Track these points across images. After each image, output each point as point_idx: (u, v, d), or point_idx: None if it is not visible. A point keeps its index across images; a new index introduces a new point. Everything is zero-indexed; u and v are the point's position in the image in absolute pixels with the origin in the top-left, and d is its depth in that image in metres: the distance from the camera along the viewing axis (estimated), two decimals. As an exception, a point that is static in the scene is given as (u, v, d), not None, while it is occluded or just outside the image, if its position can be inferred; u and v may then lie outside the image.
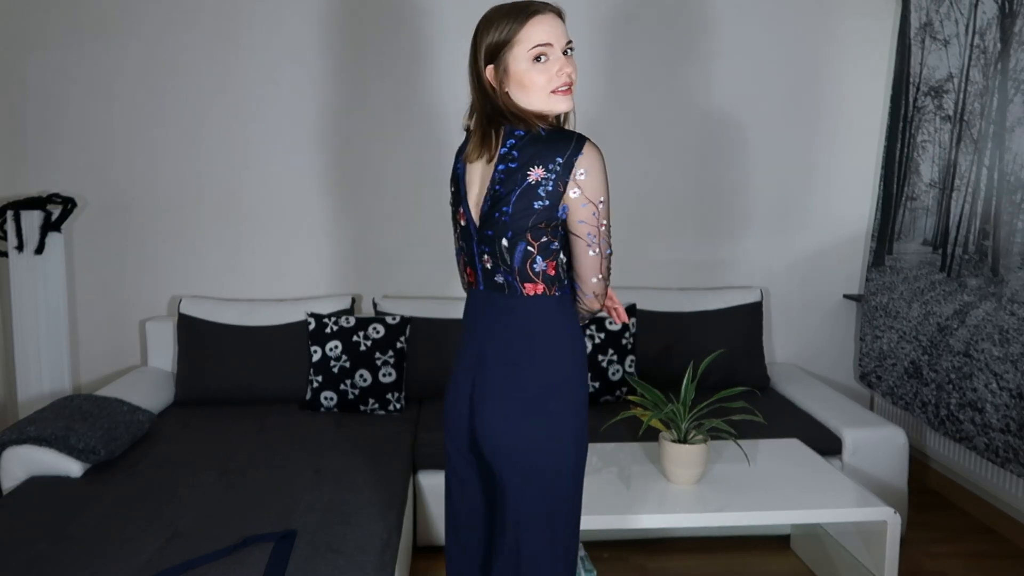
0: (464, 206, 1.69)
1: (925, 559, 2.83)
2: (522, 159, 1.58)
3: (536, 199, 1.57)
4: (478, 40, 1.64)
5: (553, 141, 1.57)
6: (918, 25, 3.30)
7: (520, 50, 1.58)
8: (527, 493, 1.63)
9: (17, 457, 2.50)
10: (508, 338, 1.64)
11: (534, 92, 1.60)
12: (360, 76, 3.44)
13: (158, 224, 3.47)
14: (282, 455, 2.68)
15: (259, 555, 2.00)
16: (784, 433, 2.87)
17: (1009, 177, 2.75)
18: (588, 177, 1.57)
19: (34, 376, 3.26)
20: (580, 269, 1.65)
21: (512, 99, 1.62)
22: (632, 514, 2.25)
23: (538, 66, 1.58)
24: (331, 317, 3.21)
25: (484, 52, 1.62)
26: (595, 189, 1.58)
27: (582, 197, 1.57)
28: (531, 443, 1.62)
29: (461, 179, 1.70)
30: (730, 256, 3.68)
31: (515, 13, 1.59)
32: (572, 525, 1.70)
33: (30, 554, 2.00)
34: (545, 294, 1.63)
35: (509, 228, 1.59)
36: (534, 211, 1.57)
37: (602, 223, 1.60)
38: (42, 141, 3.39)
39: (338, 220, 3.53)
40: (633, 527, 2.25)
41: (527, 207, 1.57)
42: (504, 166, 1.60)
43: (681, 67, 3.53)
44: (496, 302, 1.66)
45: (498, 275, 1.64)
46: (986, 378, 2.81)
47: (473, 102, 1.68)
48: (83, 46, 3.34)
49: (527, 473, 1.63)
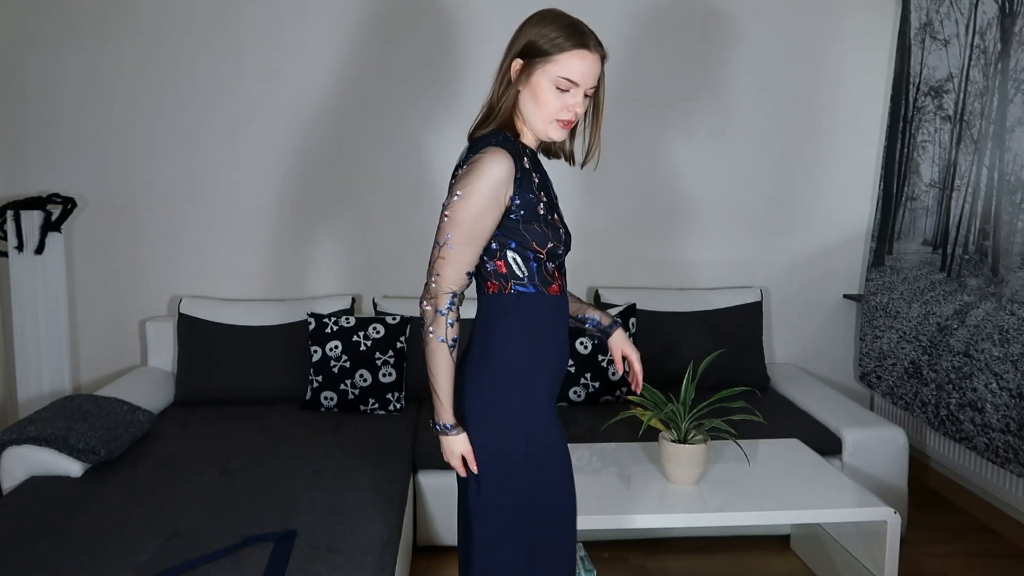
0: None
1: (925, 559, 2.83)
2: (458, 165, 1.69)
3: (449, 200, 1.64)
4: (524, 30, 1.66)
5: (480, 146, 1.64)
6: (918, 25, 3.30)
7: (552, 70, 1.62)
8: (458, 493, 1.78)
9: (17, 457, 2.49)
10: (474, 334, 1.72)
11: (541, 110, 1.65)
12: (360, 76, 3.44)
13: (158, 224, 3.47)
14: (282, 455, 2.68)
15: (259, 555, 2.00)
16: (784, 433, 2.87)
17: (1009, 177, 2.76)
18: (464, 171, 1.62)
19: (34, 376, 3.26)
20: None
21: (520, 99, 1.67)
22: (632, 514, 2.25)
23: (557, 92, 1.63)
24: (331, 317, 3.21)
25: (523, 44, 1.64)
26: (461, 182, 1.60)
27: (451, 187, 1.64)
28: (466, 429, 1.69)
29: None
30: (730, 256, 3.68)
31: (567, 34, 1.62)
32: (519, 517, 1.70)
33: (30, 554, 2.00)
34: (501, 292, 1.68)
35: None
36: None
37: (444, 213, 1.61)
38: (42, 141, 3.39)
39: (338, 220, 3.53)
40: (633, 527, 2.25)
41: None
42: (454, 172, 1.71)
43: (681, 67, 3.53)
44: (478, 301, 1.74)
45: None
46: (986, 378, 2.81)
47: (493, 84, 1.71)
48: (83, 47, 3.34)
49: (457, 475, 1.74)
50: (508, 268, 1.67)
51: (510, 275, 1.68)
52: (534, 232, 1.65)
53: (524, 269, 1.67)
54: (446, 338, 1.62)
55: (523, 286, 1.68)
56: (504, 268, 1.67)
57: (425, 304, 1.63)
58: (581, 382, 3.17)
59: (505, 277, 1.68)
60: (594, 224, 3.57)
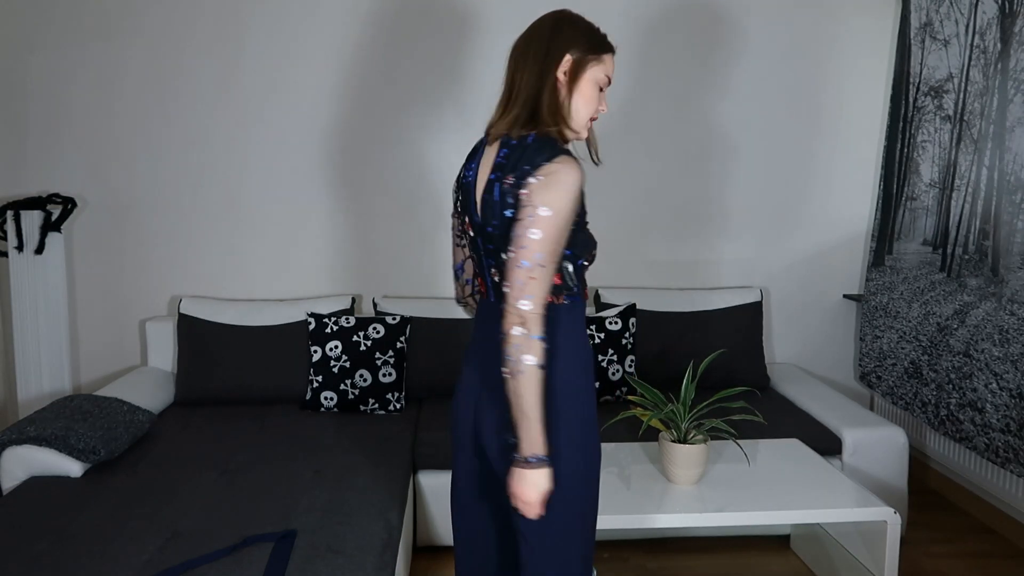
0: (472, 216, 1.64)
1: (925, 559, 2.83)
2: (506, 167, 1.56)
3: (506, 207, 1.54)
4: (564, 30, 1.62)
5: (535, 149, 1.54)
6: (918, 25, 3.30)
7: (599, 71, 1.63)
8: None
9: (17, 457, 2.49)
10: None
11: (585, 109, 1.63)
12: (360, 77, 3.44)
13: (158, 224, 3.47)
14: (282, 455, 2.68)
15: (259, 555, 2.00)
16: (784, 433, 2.87)
17: (1009, 177, 2.76)
18: (542, 182, 1.49)
19: (34, 376, 3.26)
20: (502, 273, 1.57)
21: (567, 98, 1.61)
22: (632, 514, 2.25)
23: (598, 91, 1.65)
24: (331, 317, 3.21)
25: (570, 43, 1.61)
26: (543, 196, 1.48)
27: (528, 199, 1.50)
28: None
29: (471, 187, 1.63)
30: (730, 256, 3.68)
31: (601, 38, 1.67)
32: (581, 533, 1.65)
33: (30, 554, 2.00)
34: (553, 304, 1.58)
35: (503, 241, 1.56)
36: (507, 220, 1.54)
37: (532, 231, 1.47)
38: (42, 141, 3.39)
39: (338, 220, 3.53)
40: (633, 527, 2.25)
41: (503, 216, 1.55)
42: (495, 175, 1.57)
43: (681, 67, 3.53)
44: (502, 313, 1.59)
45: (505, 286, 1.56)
46: (986, 378, 2.81)
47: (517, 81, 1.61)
48: (83, 46, 3.34)
49: None
50: (563, 279, 1.60)
51: (563, 286, 1.61)
52: (586, 238, 1.61)
53: (574, 277, 1.61)
54: (544, 363, 1.49)
55: (573, 296, 1.62)
56: (559, 279, 1.60)
57: (515, 331, 1.47)
58: (581, 382, 3.16)
59: (559, 289, 1.60)
60: (594, 224, 3.51)
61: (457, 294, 1.85)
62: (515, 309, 1.47)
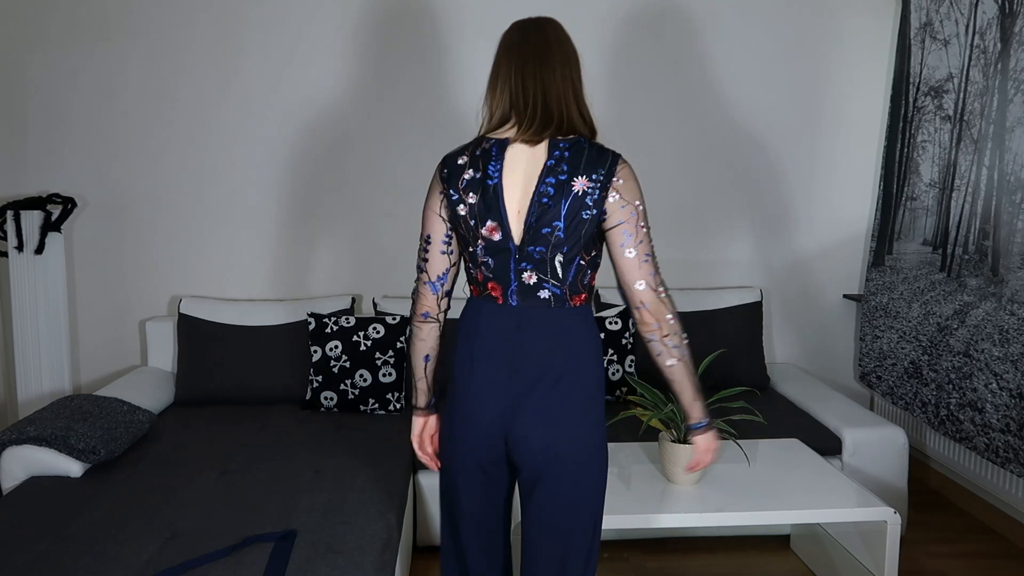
0: (500, 219, 1.60)
1: (925, 559, 2.83)
2: (569, 171, 1.58)
3: (584, 208, 1.57)
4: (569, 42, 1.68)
5: (597, 153, 1.60)
6: (918, 25, 3.30)
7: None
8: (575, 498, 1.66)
9: (17, 457, 2.49)
10: (553, 348, 1.62)
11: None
12: (360, 77, 3.44)
13: (158, 224, 3.47)
14: (282, 455, 2.68)
15: (259, 555, 2.00)
16: (784, 433, 2.87)
17: (1009, 177, 2.76)
18: (625, 183, 1.59)
19: (34, 376, 3.26)
20: (623, 276, 1.63)
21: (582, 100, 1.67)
22: (632, 514, 2.25)
23: None
24: (331, 317, 3.21)
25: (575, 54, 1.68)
26: (633, 192, 1.59)
27: (620, 199, 1.58)
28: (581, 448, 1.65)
29: (499, 191, 1.59)
30: (730, 256, 3.68)
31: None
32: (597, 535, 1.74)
33: (30, 554, 2.00)
34: (585, 303, 1.66)
35: (565, 244, 1.59)
36: (583, 222, 1.58)
37: (641, 224, 1.60)
38: (42, 141, 3.39)
39: (338, 220, 3.53)
40: (633, 527, 2.25)
41: (577, 219, 1.57)
42: (553, 179, 1.58)
43: (681, 67, 3.53)
44: (537, 316, 1.63)
45: (543, 290, 1.62)
46: (986, 378, 2.81)
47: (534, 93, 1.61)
48: (84, 46, 3.34)
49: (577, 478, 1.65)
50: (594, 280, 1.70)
51: (593, 287, 1.71)
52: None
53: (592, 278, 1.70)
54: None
55: (591, 295, 1.70)
56: (595, 280, 1.70)
57: (669, 318, 1.62)
58: (581, 382, 3.16)
59: (592, 289, 1.70)
60: (594, 224, 3.56)
61: (426, 310, 1.73)
62: (660, 297, 1.61)
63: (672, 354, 1.62)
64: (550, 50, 1.62)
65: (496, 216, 1.60)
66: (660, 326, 1.60)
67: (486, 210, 1.60)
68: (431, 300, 1.73)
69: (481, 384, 1.66)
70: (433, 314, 1.73)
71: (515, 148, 1.61)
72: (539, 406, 1.62)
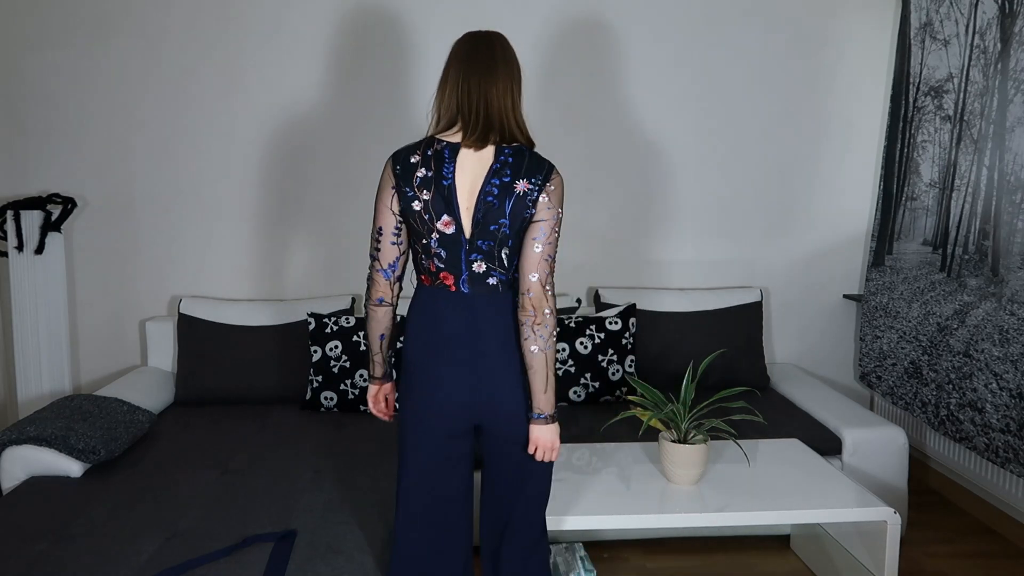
0: (455, 215, 1.78)
1: (925, 559, 2.83)
2: (512, 174, 1.77)
3: (525, 208, 1.76)
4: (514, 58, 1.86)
5: (536, 161, 1.80)
6: (918, 25, 3.30)
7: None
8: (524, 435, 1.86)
9: (17, 457, 2.50)
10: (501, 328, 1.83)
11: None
12: (359, 78, 3.44)
13: (158, 224, 3.47)
14: (282, 455, 2.68)
15: (259, 555, 2.00)
16: (784, 433, 2.87)
17: (1009, 177, 2.76)
18: (556, 190, 1.80)
19: (34, 376, 3.26)
20: (523, 263, 1.79)
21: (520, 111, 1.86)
22: (632, 514, 2.25)
23: None
24: (331, 317, 3.21)
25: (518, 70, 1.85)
26: (559, 199, 1.80)
27: (549, 202, 1.79)
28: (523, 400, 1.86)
29: (452, 189, 1.78)
30: (730, 256, 3.68)
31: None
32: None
33: (30, 554, 2.00)
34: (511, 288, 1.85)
35: (510, 238, 1.78)
36: (522, 219, 1.77)
37: (555, 228, 1.79)
38: (42, 141, 3.39)
39: (338, 220, 3.53)
40: (633, 527, 2.25)
41: (519, 217, 1.77)
42: (498, 180, 1.77)
43: (681, 67, 3.53)
44: (488, 301, 1.83)
45: (492, 277, 1.82)
46: (986, 378, 2.81)
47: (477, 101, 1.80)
48: (83, 46, 3.34)
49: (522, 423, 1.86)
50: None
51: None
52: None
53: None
54: None
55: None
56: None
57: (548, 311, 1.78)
58: (581, 382, 3.17)
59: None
60: (593, 224, 3.57)
61: (381, 295, 1.92)
62: (546, 292, 1.78)
63: (538, 342, 1.78)
64: (495, 64, 1.80)
65: (451, 212, 1.78)
66: (536, 315, 1.77)
67: (443, 206, 1.78)
68: (384, 286, 1.92)
69: (447, 361, 1.85)
70: (387, 299, 1.93)
71: (464, 152, 1.79)
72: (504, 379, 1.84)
